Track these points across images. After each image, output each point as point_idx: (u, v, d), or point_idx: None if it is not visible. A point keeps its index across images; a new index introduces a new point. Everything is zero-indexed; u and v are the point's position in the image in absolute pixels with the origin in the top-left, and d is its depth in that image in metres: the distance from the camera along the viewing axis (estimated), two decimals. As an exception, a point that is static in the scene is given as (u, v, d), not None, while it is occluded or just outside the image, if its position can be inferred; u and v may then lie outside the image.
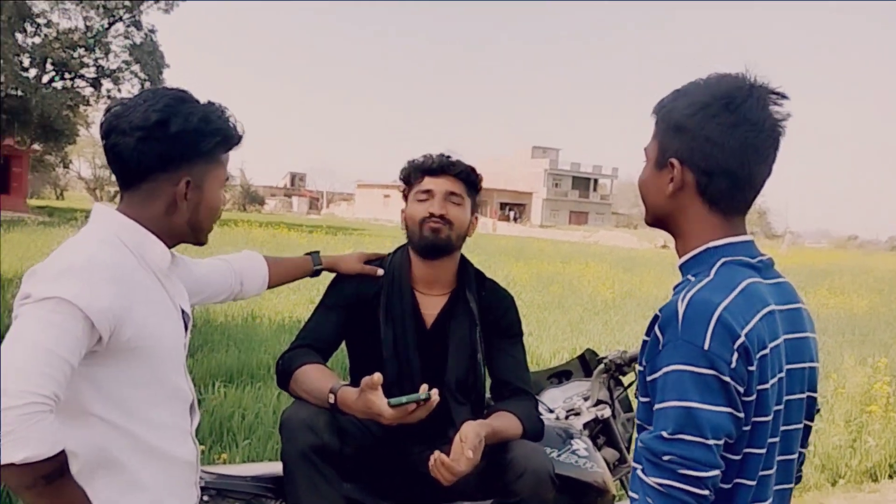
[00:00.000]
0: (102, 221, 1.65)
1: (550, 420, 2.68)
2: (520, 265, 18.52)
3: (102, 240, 1.60)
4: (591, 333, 9.39)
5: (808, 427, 1.53)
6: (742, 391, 1.30)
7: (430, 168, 2.38)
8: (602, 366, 2.90)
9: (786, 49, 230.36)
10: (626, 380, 2.99)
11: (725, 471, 1.31)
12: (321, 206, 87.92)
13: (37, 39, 30.02)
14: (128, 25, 31.77)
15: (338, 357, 2.59)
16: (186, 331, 1.78)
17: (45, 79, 30.33)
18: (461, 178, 2.39)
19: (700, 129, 1.40)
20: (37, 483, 1.36)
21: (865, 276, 23.20)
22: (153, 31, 32.37)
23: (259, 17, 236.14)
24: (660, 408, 1.30)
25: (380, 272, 2.42)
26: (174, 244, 1.74)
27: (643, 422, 1.41)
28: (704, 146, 1.40)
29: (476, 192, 2.46)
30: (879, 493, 4.86)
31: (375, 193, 72.01)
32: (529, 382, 2.41)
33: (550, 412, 2.79)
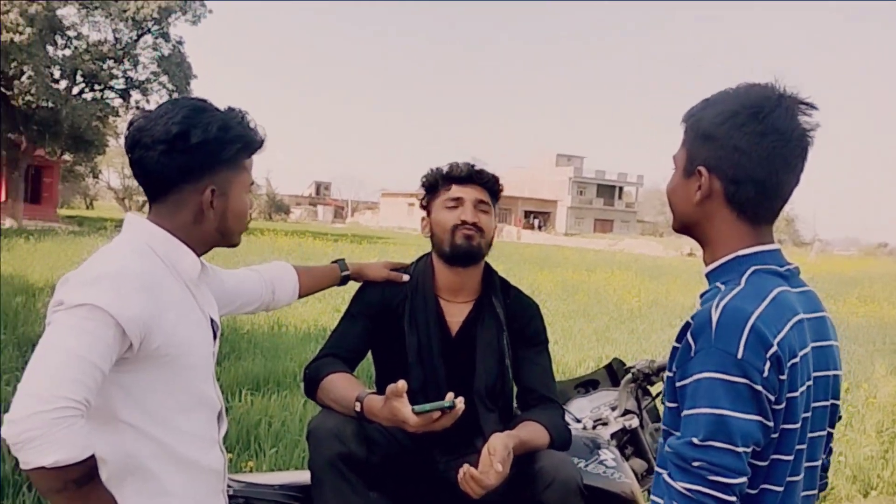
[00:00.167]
0: (134, 231, 1.68)
1: (578, 430, 2.66)
2: (544, 273, 18.46)
3: (134, 249, 1.62)
4: (618, 342, 9.32)
5: (831, 434, 1.54)
6: (772, 399, 1.31)
7: (459, 176, 2.39)
8: (630, 375, 2.87)
9: (822, 55, 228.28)
10: (654, 389, 2.96)
11: (752, 476, 1.32)
12: (346, 215, 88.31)
13: (67, 52, 30.48)
14: (156, 37, 32.17)
15: (365, 366, 2.59)
16: (215, 339, 1.79)
17: (76, 90, 30.75)
18: (487, 187, 2.41)
19: (728, 138, 1.41)
20: (67, 487, 1.38)
21: (896, 284, 22.89)
22: (181, 43, 32.74)
23: (288, 28, 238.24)
24: (690, 414, 1.31)
25: (405, 278, 2.43)
26: (206, 250, 1.76)
27: (670, 427, 1.42)
28: (732, 155, 1.41)
29: (497, 200, 2.47)
30: (913, 505, 4.78)
31: (400, 202, 72.16)
32: (555, 390, 2.40)
33: (577, 422, 2.77)
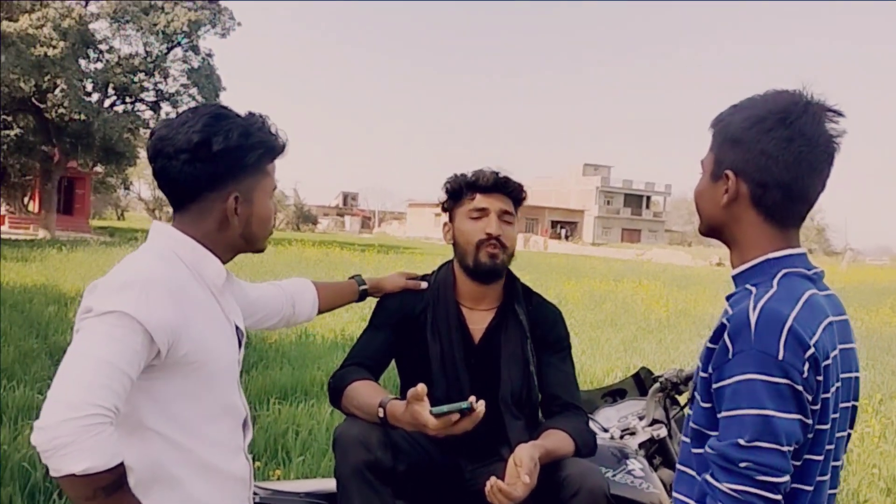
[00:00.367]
0: (160, 238, 1.68)
1: (605, 439, 2.64)
2: (572, 283, 18.38)
3: (160, 256, 1.63)
4: (645, 352, 9.25)
5: (850, 435, 1.56)
6: (810, 400, 1.34)
7: (486, 186, 2.33)
8: (658, 384, 2.84)
9: (857, 61, 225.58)
10: (683, 399, 2.93)
11: None
12: (373, 225, 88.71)
13: (99, 65, 31.02)
14: (186, 50, 32.63)
15: (392, 377, 2.59)
16: (240, 347, 1.79)
17: (107, 103, 31.26)
18: (512, 196, 2.37)
19: (755, 142, 1.44)
20: (96, 495, 1.37)
21: (931, 294, 22.47)
22: (210, 56, 33.19)
23: (316, 40, 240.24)
24: (732, 415, 1.33)
25: (423, 285, 2.42)
26: (231, 256, 1.76)
27: (701, 427, 1.46)
28: (759, 159, 1.44)
29: (519, 206, 2.44)
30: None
31: (426, 212, 72.25)
32: (579, 397, 2.37)
33: (605, 431, 2.74)
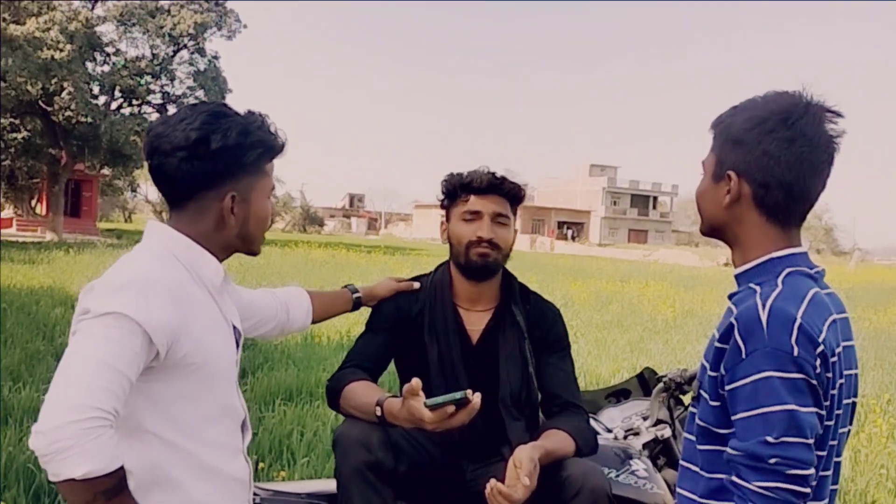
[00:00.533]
0: (156, 238, 1.66)
1: (609, 440, 2.63)
2: (578, 284, 18.35)
3: (157, 256, 1.60)
4: (652, 353, 9.24)
5: (849, 431, 1.59)
6: (822, 394, 1.37)
7: (479, 187, 2.31)
8: (661, 384, 2.82)
9: (864, 61, 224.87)
10: (687, 399, 2.91)
11: None
12: (379, 227, 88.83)
13: (106, 68, 31.14)
14: (192, 52, 32.74)
15: (391, 380, 2.58)
16: (238, 347, 1.77)
17: (114, 106, 31.39)
18: (508, 197, 2.34)
19: (757, 143, 1.47)
20: (96, 499, 1.35)
21: (940, 294, 22.35)
22: (216, 58, 33.29)
23: (323, 41, 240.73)
24: (753, 414, 1.34)
25: (416, 286, 2.42)
26: (227, 256, 1.74)
27: (709, 424, 1.48)
28: (761, 159, 1.47)
29: (517, 207, 2.41)
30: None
31: (433, 214, 72.17)
32: (579, 396, 2.36)
33: (609, 432, 2.73)
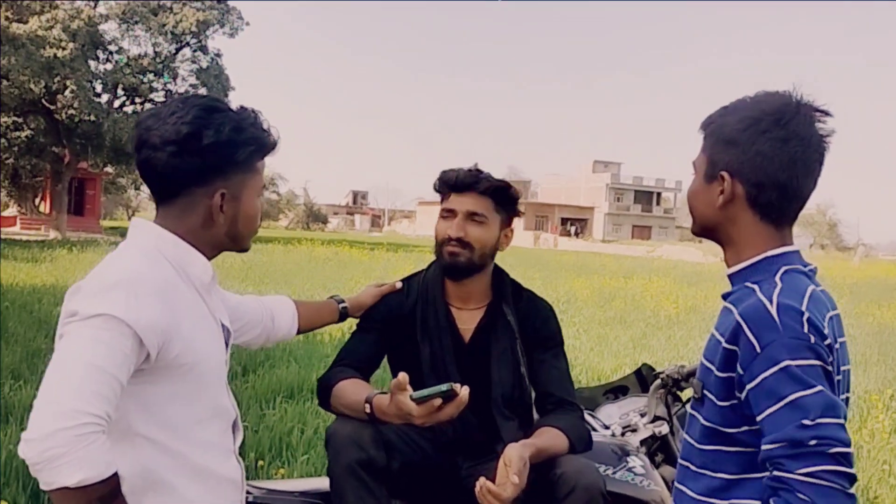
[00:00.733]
0: (142, 235, 1.61)
1: (606, 437, 2.62)
2: (581, 280, 18.35)
3: (144, 254, 1.55)
4: (654, 349, 9.23)
5: None
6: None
7: (455, 185, 2.32)
8: (659, 381, 2.81)
9: (867, 59, 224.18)
10: (684, 395, 2.90)
11: None
12: (383, 224, 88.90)
13: (108, 66, 31.22)
14: (194, 50, 32.79)
15: (387, 379, 2.57)
16: (228, 346, 1.73)
17: (117, 104, 31.47)
18: (488, 195, 2.30)
19: (751, 143, 1.47)
20: None
21: (945, 289, 22.29)
22: (219, 55, 33.31)
23: (326, 39, 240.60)
24: (783, 405, 1.30)
25: (398, 285, 2.41)
26: (215, 254, 1.69)
27: (716, 424, 1.47)
28: (755, 159, 1.47)
29: (509, 206, 2.36)
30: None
31: (436, 211, 71.49)
32: (573, 393, 2.35)
33: (606, 428, 2.72)
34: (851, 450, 1.28)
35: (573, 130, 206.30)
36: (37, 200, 39.76)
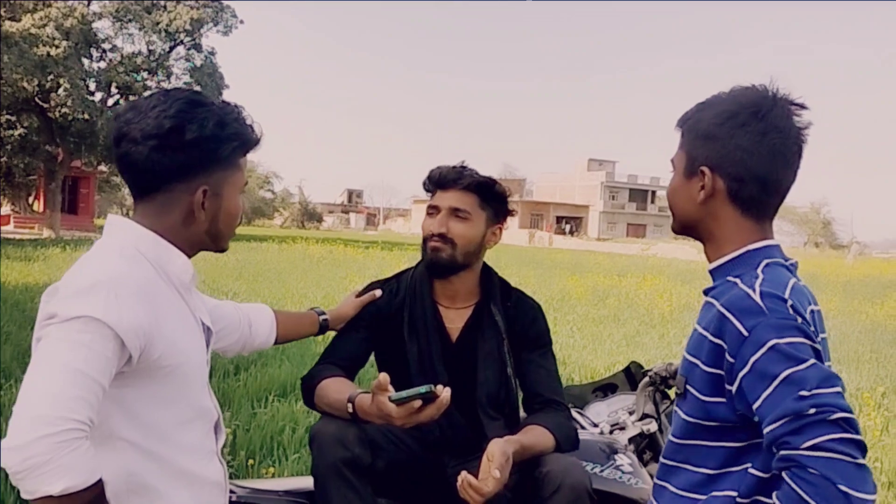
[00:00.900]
0: (120, 234, 1.56)
1: (594, 435, 2.62)
2: (575, 279, 18.34)
3: (123, 253, 1.50)
4: (647, 347, 9.23)
5: None
6: None
7: (439, 181, 2.32)
8: (647, 379, 2.82)
9: (861, 56, 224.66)
10: (673, 393, 2.90)
11: (769, 459, 1.32)
12: (378, 222, 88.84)
13: (102, 64, 31.12)
14: (188, 48, 32.72)
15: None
16: (208, 346, 1.69)
17: (110, 102, 31.32)
18: (472, 191, 2.29)
19: (730, 138, 1.47)
20: None
21: (938, 287, 22.34)
22: (213, 54, 33.24)
23: (320, 36, 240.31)
24: (775, 386, 1.28)
25: (378, 293, 2.37)
26: (193, 253, 1.64)
27: (699, 419, 1.46)
28: (735, 153, 1.47)
29: (497, 202, 2.34)
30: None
31: (431, 209, 72.18)
32: (561, 392, 2.34)
33: (595, 426, 2.72)
34: (853, 415, 1.24)
35: (568, 129, 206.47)
36: (30, 199, 39.61)
